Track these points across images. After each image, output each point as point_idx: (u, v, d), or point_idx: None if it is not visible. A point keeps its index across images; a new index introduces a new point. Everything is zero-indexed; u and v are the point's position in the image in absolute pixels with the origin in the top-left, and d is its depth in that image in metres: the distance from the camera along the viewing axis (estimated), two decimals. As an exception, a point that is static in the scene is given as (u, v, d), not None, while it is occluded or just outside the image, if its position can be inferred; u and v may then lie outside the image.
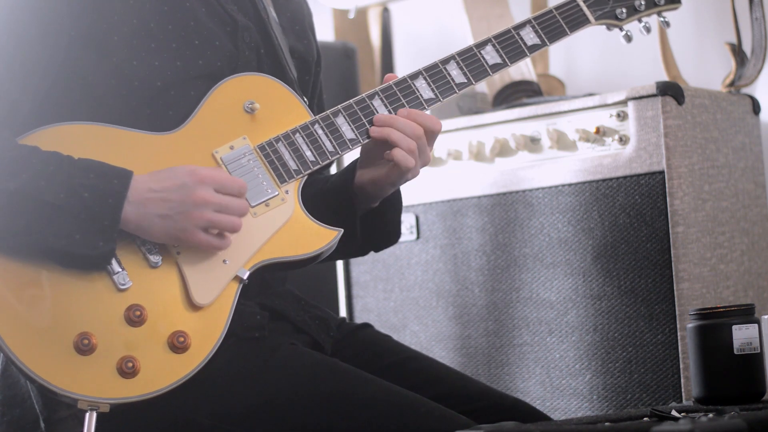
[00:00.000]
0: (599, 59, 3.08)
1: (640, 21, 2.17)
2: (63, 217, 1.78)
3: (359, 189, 2.04)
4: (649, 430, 1.56)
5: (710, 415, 1.77)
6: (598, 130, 2.56)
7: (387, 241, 2.16)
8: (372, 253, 2.79)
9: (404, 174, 1.99)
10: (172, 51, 1.93)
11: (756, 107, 2.71)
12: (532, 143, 2.65)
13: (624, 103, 2.53)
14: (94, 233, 1.79)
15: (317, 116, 1.97)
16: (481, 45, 2.05)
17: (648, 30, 2.17)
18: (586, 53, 3.09)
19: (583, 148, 2.58)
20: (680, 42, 2.87)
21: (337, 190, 2.07)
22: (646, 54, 2.83)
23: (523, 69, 2.91)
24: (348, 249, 2.09)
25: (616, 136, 2.54)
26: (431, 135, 2.01)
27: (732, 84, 2.71)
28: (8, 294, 1.79)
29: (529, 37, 2.08)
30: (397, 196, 2.12)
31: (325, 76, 2.26)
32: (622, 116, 2.53)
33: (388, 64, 3.41)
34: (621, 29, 2.16)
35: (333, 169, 2.69)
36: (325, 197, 2.08)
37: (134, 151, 1.88)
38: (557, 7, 2.10)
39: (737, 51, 2.71)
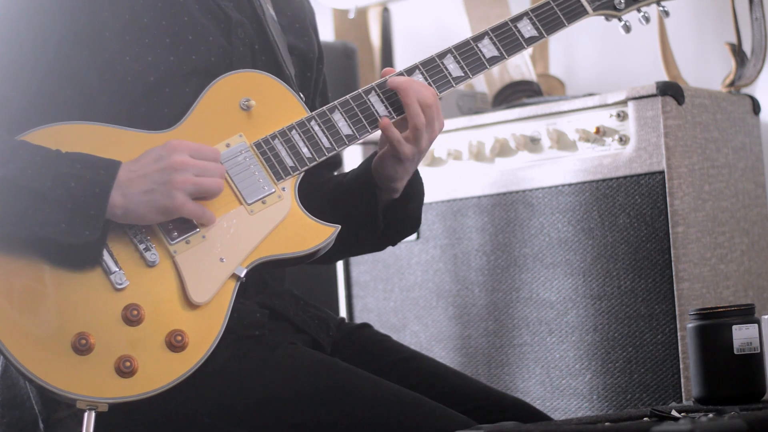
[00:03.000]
0: (599, 59, 3.08)
1: (639, 11, 2.14)
2: (50, 206, 1.78)
3: (374, 172, 2.02)
4: (649, 430, 1.56)
5: (710, 415, 1.77)
6: (598, 130, 2.56)
7: (405, 232, 2.12)
8: (373, 253, 2.80)
9: (400, 147, 1.95)
10: (165, 46, 1.93)
11: (756, 107, 2.71)
12: (532, 143, 2.65)
13: (624, 103, 2.53)
14: (80, 222, 1.78)
15: (313, 112, 1.97)
16: (478, 38, 2.04)
17: (647, 20, 2.13)
18: (586, 53, 3.09)
19: (583, 148, 2.58)
20: (680, 42, 2.87)
21: (358, 179, 2.05)
22: (646, 54, 2.83)
23: (523, 69, 2.91)
24: (366, 243, 2.08)
25: (616, 136, 2.54)
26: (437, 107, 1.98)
27: (732, 84, 2.71)
28: (5, 295, 1.79)
29: (527, 29, 2.06)
30: (418, 185, 2.09)
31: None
32: (622, 116, 2.53)
33: (388, 64, 3.41)
34: (620, 20, 2.13)
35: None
36: (345, 188, 2.07)
37: (129, 149, 1.87)
38: None
39: (737, 51, 2.71)
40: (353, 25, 3.46)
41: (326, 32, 3.46)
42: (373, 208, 2.04)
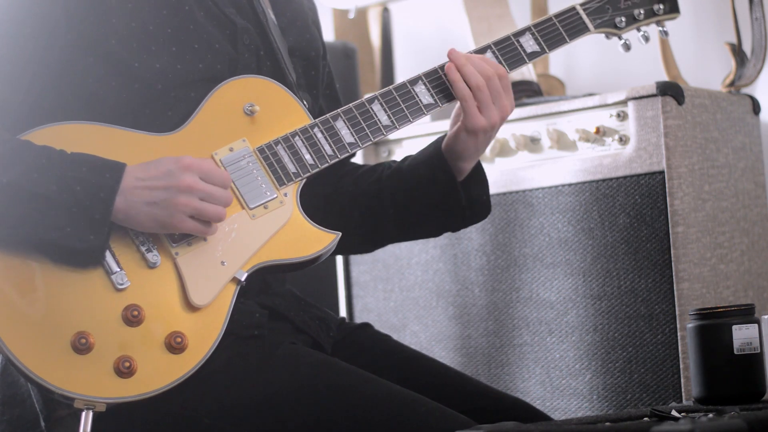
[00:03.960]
0: (599, 59, 3.08)
1: (638, 30, 2.19)
2: (55, 210, 1.78)
3: (446, 150, 2.05)
4: (649, 430, 1.56)
5: (710, 415, 1.77)
6: (598, 130, 2.56)
7: (472, 219, 2.14)
8: (373, 253, 2.80)
9: (474, 117, 1.99)
10: (171, 54, 1.93)
11: (756, 107, 2.71)
12: (532, 143, 2.65)
13: (624, 103, 2.53)
14: (85, 226, 1.79)
15: (317, 120, 1.98)
16: (480, 51, 2.07)
17: (647, 39, 2.19)
18: (586, 53, 3.09)
19: (583, 148, 2.58)
20: (680, 42, 2.87)
21: (427, 160, 2.07)
22: (646, 54, 2.83)
23: (523, 69, 2.91)
24: (432, 226, 2.13)
25: (616, 136, 2.54)
26: (502, 79, 2.02)
27: (732, 84, 2.71)
28: (6, 293, 1.79)
29: (529, 44, 2.09)
30: (479, 170, 2.12)
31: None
32: (622, 116, 2.53)
33: (388, 64, 3.41)
34: (620, 38, 2.18)
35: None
36: (411, 172, 2.09)
37: (132, 150, 1.88)
38: (557, 15, 2.11)
39: (737, 51, 2.71)
40: (353, 25, 3.45)
41: (326, 32, 3.45)
42: (451, 188, 2.06)
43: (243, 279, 1.87)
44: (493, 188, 2.67)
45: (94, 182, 1.80)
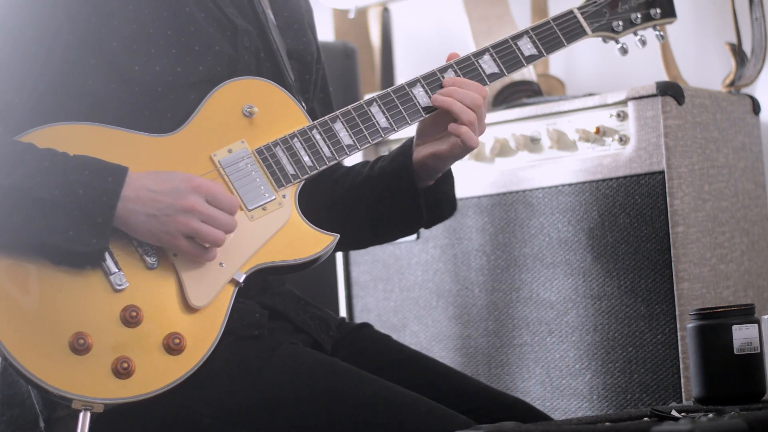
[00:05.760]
0: (599, 59, 3.08)
1: (635, 34, 2.20)
2: (57, 214, 1.78)
3: (418, 165, 2.07)
4: (649, 430, 1.56)
5: (710, 415, 1.77)
6: (598, 130, 2.56)
7: (443, 215, 2.18)
8: (373, 253, 2.79)
9: (468, 149, 2.02)
10: (172, 56, 1.93)
11: (756, 107, 2.70)
12: (532, 143, 2.65)
13: (624, 103, 2.53)
14: (87, 230, 1.79)
15: (315, 122, 1.98)
16: (479, 54, 2.07)
17: (644, 43, 2.21)
18: (586, 53, 3.09)
19: (583, 148, 2.58)
20: (680, 42, 2.87)
21: (395, 172, 2.09)
22: (646, 54, 2.83)
23: (523, 69, 2.90)
24: (403, 230, 2.16)
25: (616, 136, 2.54)
26: (485, 99, 2.05)
27: (732, 84, 2.71)
28: (4, 293, 1.79)
29: (527, 47, 2.10)
30: (448, 171, 2.15)
31: (325, 75, 2.26)
32: (622, 116, 2.53)
33: (388, 64, 3.41)
34: (617, 41, 2.19)
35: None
36: (380, 181, 2.10)
37: (132, 151, 1.88)
38: (555, 18, 2.12)
39: (737, 51, 2.71)
40: (353, 25, 3.45)
41: (326, 32, 3.46)
42: (414, 201, 2.08)
43: (241, 280, 1.87)
44: (493, 188, 2.69)
45: (97, 186, 1.80)
